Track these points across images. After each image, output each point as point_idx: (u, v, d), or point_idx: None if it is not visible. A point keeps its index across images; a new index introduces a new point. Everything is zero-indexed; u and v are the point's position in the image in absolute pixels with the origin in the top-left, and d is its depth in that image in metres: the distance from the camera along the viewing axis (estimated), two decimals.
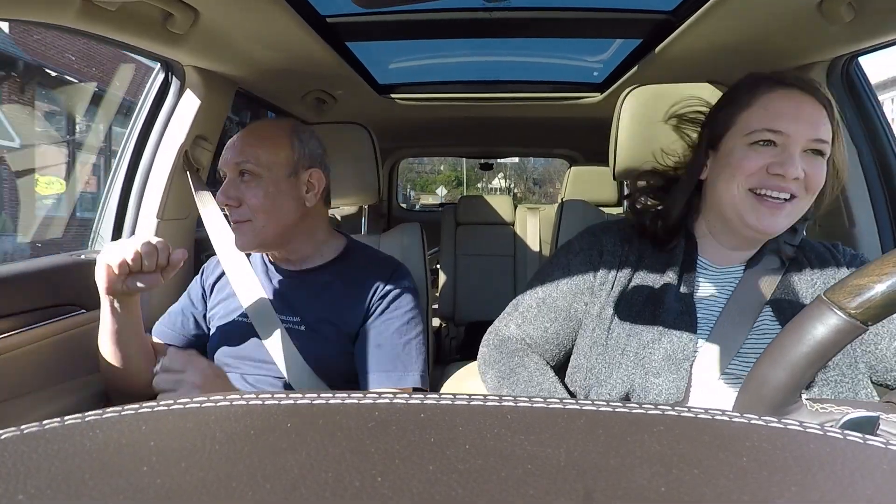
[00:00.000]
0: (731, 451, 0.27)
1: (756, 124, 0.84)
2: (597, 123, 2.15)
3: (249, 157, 1.06)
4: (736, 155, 0.86)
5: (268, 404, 0.30)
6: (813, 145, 0.82)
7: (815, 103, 0.84)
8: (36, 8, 0.84)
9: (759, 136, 0.84)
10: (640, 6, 1.38)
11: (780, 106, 0.84)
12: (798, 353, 0.48)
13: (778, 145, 0.83)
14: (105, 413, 0.28)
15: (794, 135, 0.81)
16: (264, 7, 1.10)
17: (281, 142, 1.10)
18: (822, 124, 0.83)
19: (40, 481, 0.22)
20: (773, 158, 0.82)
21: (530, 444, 0.27)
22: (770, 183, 0.82)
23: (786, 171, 0.80)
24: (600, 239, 0.98)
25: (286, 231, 1.10)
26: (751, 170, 0.83)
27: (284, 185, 1.08)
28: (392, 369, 1.07)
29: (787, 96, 0.85)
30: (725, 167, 0.87)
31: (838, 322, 0.47)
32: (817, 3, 1.02)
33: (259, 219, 1.06)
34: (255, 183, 1.06)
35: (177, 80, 1.38)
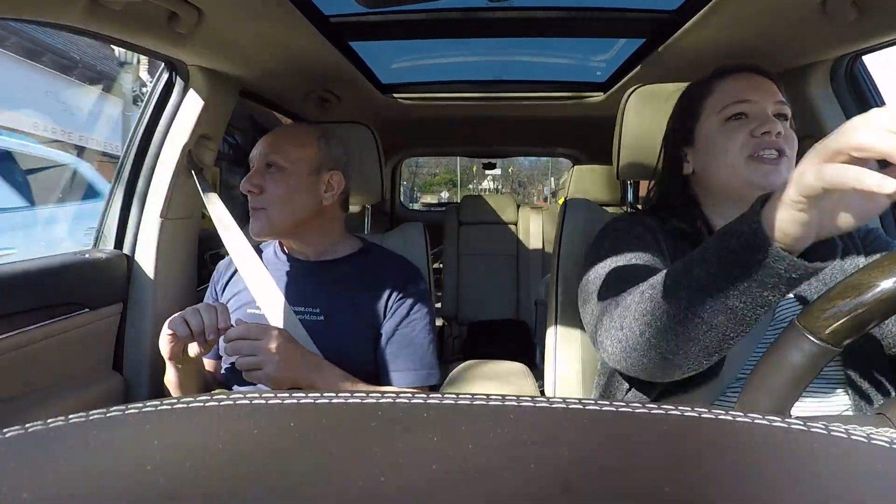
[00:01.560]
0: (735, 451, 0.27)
1: (724, 101, 0.91)
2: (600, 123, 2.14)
3: (278, 150, 1.14)
4: (718, 135, 0.91)
5: (271, 403, 0.30)
6: (778, 108, 0.89)
7: (765, 78, 0.92)
8: (41, 7, 0.84)
9: (730, 110, 0.90)
10: (643, 5, 1.38)
11: (737, 84, 0.92)
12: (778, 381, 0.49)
13: (750, 115, 0.89)
14: (109, 412, 0.29)
15: (761, 100, 0.89)
16: (268, 7, 1.10)
17: (309, 142, 1.18)
18: (775, 91, 0.91)
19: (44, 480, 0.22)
20: (753, 124, 0.88)
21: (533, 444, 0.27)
22: (762, 143, 0.86)
23: (770, 128, 0.85)
24: (641, 218, 0.98)
25: (299, 224, 1.16)
26: (740, 140, 0.88)
27: (305, 182, 1.15)
28: (419, 368, 1.15)
29: (738, 77, 0.93)
30: (714, 150, 0.92)
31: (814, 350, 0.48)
32: (821, 3, 1.02)
33: (275, 208, 1.12)
34: (279, 175, 1.13)
35: (181, 80, 1.38)
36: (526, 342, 2.76)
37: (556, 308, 1.21)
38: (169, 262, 1.43)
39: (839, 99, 1.31)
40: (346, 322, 1.13)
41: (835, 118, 1.30)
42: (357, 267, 1.20)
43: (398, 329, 1.15)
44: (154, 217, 1.38)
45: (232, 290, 1.23)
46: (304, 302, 1.15)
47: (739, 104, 0.90)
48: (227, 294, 1.23)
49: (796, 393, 0.49)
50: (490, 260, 3.04)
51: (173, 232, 1.43)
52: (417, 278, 1.22)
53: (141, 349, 1.36)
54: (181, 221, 1.46)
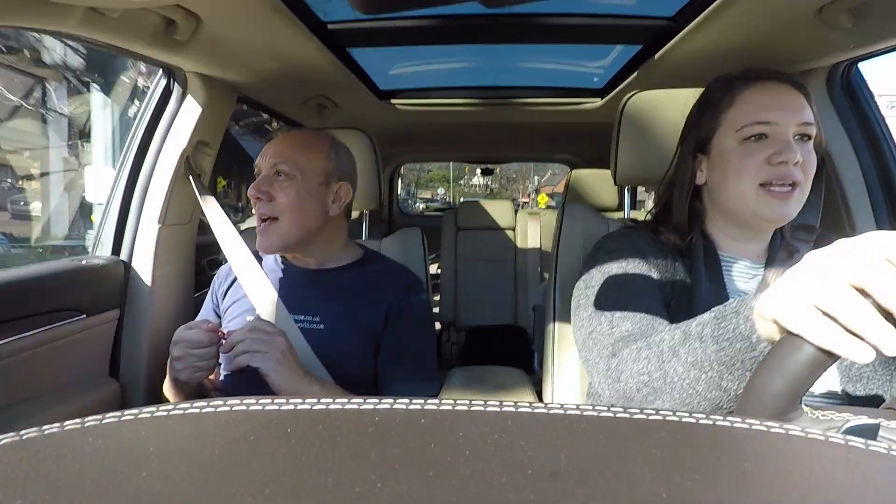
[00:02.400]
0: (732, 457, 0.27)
1: (744, 119, 0.86)
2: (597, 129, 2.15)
3: (288, 158, 1.11)
4: (733, 155, 0.87)
5: (268, 409, 0.30)
6: (802, 129, 0.84)
7: (792, 90, 0.87)
8: (38, 15, 0.85)
9: (749, 130, 0.85)
10: (640, 12, 1.39)
11: (762, 98, 0.86)
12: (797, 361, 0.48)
13: (770, 137, 0.84)
14: (105, 418, 0.28)
15: (783, 123, 0.84)
16: (266, 14, 1.10)
17: (320, 151, 1.15)
18: (804, 108, 0.85)
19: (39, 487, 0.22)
20: (771, 149, 0.83)
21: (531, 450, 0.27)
22: (777, 173, 0.83)
23: (788, 158, 0.81)
24: (631, 238, 0.97)
25: (308, 235, 1.14)
26: (755, 166, 0.84)
27: (315, 191, 1.13)
28: (420, 378, 1.13)
29: (766, 88, 0.87)
30: (727, 169, 0.88)
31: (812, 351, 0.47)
32: (817, 10, 1.03)
33: (286, 217, 1.10)
34: (289, 183, 1.11)
35: (179, 87, 1.39)
36: (524, 348, 2.76)
37: (554, 314, 1.21)
38: (166, 269, 1.43)
39: (835, 105, 1.31)
40: (345, 331, 1.12)
41: (831, 125, 1.30)
42: (357, 276, 1.19)
43: (398, 339, 1.13)
44: (152, 223, 1.38)
45: (232, 297, 1.22)
46: (304, 310, 1.14)
47: (760, 126, 0.85)
48: (228, 301, 1.22)
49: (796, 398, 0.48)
50: (488, 265, 3.04)
51: (171, 238, 1.43)
52: (418, 288, 1.20)
53: (137, 356, 1.36)
54: (179, 228, 1.46)
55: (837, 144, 1.30)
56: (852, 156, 1.29)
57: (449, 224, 3.12)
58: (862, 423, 0.46)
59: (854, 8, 1.00)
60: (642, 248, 0.93)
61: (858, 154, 1.29)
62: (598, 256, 0.96)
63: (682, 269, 0.92)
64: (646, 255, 0.92)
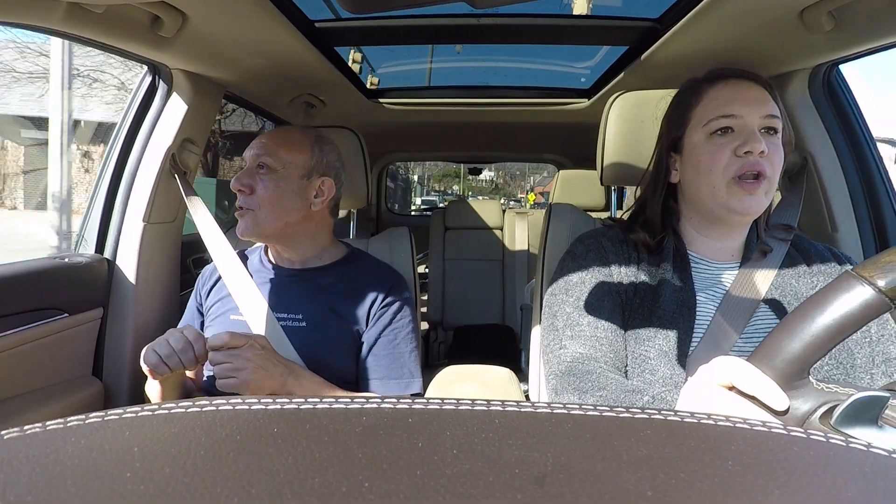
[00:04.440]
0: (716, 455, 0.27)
1: (710, 114, 0.90)
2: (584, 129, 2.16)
3: (270, 152, 1.14)
4: (703, 150, 0.90)
5: (254, 409, 0.30)
6: (766, 122, 0.88)
7: (756, 85, 0.90)
8: (20, 11, 0.83)
9: (715, 124, 0.89)
10: (626, 14, 1.40)
11: (727, 93, 0.90)
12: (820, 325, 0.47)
13: (736, 130, 0.88)
14: (88, 418, 0.28)
15: (747, 115, 0.87)
16: (253, 11, 1.09)
17: (302, 146, 1.17)
18: (768, 101, 0.89)
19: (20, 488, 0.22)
20: (737, 141, 0.87)
21: (518, 449, 0.27)
22: (744, 164, 0.86)
23: (753, 147, 0.84)
24: (599, 241, 0.99)
25: (286, 227, 1.15)
26: (723, 160, 0.87)
27: (296, 185, 1.15)
28: (400, 377, 1.14)
29: (730, 84, 0.91)
30: (698, 165, 0.91)
31: (867, 296, 0.46)
32: (798, 13, 1.04)
33: (263, 209, 1.12)
34: (269, 176, 1.13)
35: (164, 84, 1.37)
36: (511, 347, 2.77)
37: (541, 313, 1.22)
38: (151, 267, 1.41)
39: (817, 107, 1.33)
40: (328, 329, 1.12)
41: (812, 126, 1.32)
42: (341, 274, 1.19)
43: (380, 337, 1.14)
44: (136, 221, 1.37)
45: (216, 296, 1.22)
46: (287, 309, 1.14)
47: (725, 119, 0.88)
48: (211, 300, 1.22)
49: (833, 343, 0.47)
50: (476, 265, 3.05)
51: (156, 236, 1.42)
52: (401, 286, 1.21)
53: (121, 355, 1.34)
54: (164, 226, 1.45)
55: (819, 146, 1.31)
56: (834, 157, 1.31)
57: (437, 223, 3.12)
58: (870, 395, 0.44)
59: (835, 11, 1.02)
60: (609, 251, 0.97)
61: (840, 155, 1.31)
62: (566, 262, 1.01)
63: (649, 269, 0.94)
64: (609, 260, 0.96)
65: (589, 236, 1.02)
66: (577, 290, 0.95)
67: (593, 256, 0.97)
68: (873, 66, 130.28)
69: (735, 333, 0.86)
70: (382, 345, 1.14)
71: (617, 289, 0.93)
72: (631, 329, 0.89)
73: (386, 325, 1.15)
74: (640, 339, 0.88)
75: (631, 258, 0.96)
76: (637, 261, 0.95)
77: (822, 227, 1.32)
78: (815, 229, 1.34)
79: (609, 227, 1.04)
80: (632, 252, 0.97)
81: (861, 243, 1.29)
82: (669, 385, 0.83)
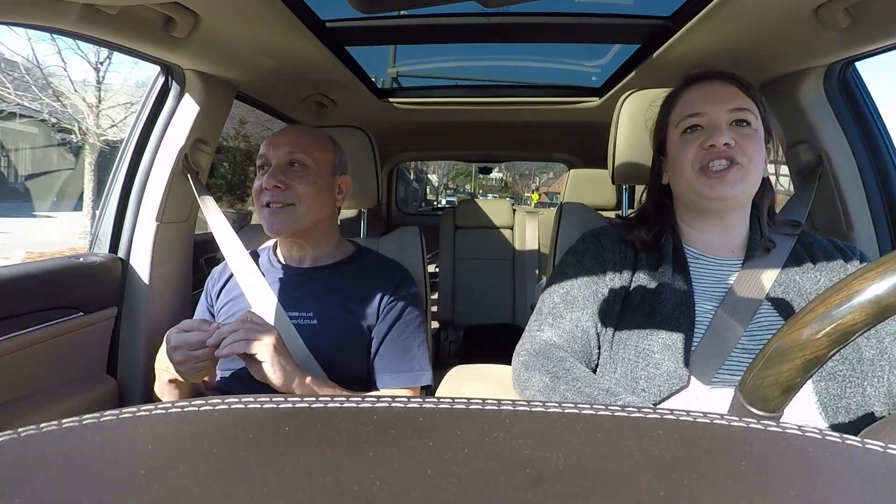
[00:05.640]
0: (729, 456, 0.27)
1: (681, 116, 0.97)
2: (595, 128, 2.15)
3: (304, 149, 1.16)
4: (676, 148, 0.97)
5: (266, 408, 0.30)
6: (734, 115, 0.93)
7: (724, 83, 0.96)
8: (37, 12, 0.84)
9: (685, 124, 0.96)
10: (638, 12, 1.39)
11: (695, 95, 0.98)
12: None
13: (704, 127, 0.94)
14: (103, 416, 0.28)
15: (712, 112, 0.93)
16: (264, 12, 1.10)
17: (327, 145, 1.22)
18: (735, 96, 0.94)
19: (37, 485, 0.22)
20: (703, 136, 0.93)
21: (529, 449, 0.27)
22: (709, 156, 0.91)
23: (715, 140, 0.90)
24: (599, 239, 1.03)
25: (318, 223, 1.19)
26: (690, 154, 0.94)
27: (327, 182, 1.19)
28: (409, 369, 1.16)
29: (699, 86, 0.98)
30: (673, 164, 0.99)
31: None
32: (813, 10, 1.03)
33: (304, 204, 1.14)
34: (305, 173, 1.15)
35: (177, 84, 1.38)
36: None
37: None
38: (164, 267, 1.43)
39: (832, 104, 1.31)
40: (339, 326, 1.14)
41: (828, 123, 1.31)
42: (349, 272, 1.21)
43: (390, 331, 1.16)
44: (149, 221, 1.38)
45: (226, 297, 1.23)
46: (298, 307, 1.15)
47: (692, 118, 0.95)
48: (222, 300, 1.23)
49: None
50: (486, 264, 3.04)
51: (168, 236, 1.43)
52: (409, 281, 1.23)
53: (135, 353, 1.36)
54: (176, 225, 1.46)
55: (834, 144, 1.30)
56: (850, 155, 1.29)
57: (447, 223, 3.12)
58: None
59: (851, 7, 1.00)
60: (607, 250, 1.01)
61: (855, 153, 1.30)
62: (566, 256, 1.07)
63: (649, 267, 0.97)
64: (605, 260, 1.00)
65: (591, 234, 1.07)
66: (569, 284, 1.00)
67: (591, 255, 1.02)
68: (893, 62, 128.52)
69: (740, 329, 0.86)
70: (392, 339, 1.16)
71: (610, 289, 0.97)
72: (634, 324, 0.91)
73: (395, 320, 1.17)
74: (643, 335, 0.89)
75: (629, 257, 1.00)
76: (635, 259, 0.99)
77: (837, 225, 1.31)
78: (831, 228, 1.32)
79: (614, 226, 1.08)
80: (629, 251, 1.00)
81: (877, 242, 1.28)
82: (673, 379, 0.83)
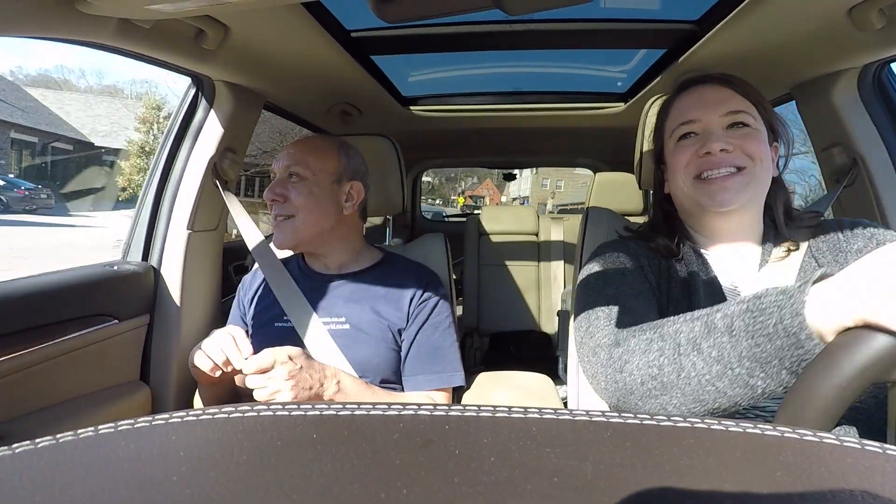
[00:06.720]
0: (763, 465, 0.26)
1: (674, 124, 0.95)
2: (620, 133, 2.13)
3: (300, 161, 1.18)
4: (671, 156, 0.95)
5: (294, 415, 0.31)
6: (730, 118, 0.89)
7: (717, 87, 0.93)
8: (75, 28, 0.87)
9: (679, 132, 0.93)
10: (664, 16, 1.38)
11: (687, 101, 0.95)
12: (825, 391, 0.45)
13: (699, 133, 0.91)
14: (136, 423, 0.29)
15: (705, 117, 0.90)
16: (292, 23, 1.12)
17: (330, 153, 1.22)
18: (728, 99, 0.90)
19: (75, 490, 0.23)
20: (697, 144, 0.90)
21: (556, 457, 0.26)
22: (705, 164, 0.88)
23: (710, 147, 0.87)
24: (626, 244, 1.00)
25: (322, 233, 1.19)
26: (684, 161, 0.91)
27: (328, 190, 1.19)
28: (442, 370, 1.18)
29: (691, 92, 0.96)
30: (669, 172, 0.97)
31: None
32: (847, 10, 1.00)
33: (300, 215, 1.16)
34: (301, 184, 1.17)
35: (207, 95, 1.41)
36: (548, 353, 2.75)
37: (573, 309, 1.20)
38: (195, 274, 1.45)
39: (867, 107, 1.28)
40: (371, 330, 1.15)
41: (862, 126, 1.27)
42: (378, 277, 1.23)
43: (421, 333, 1.17)
44: (181, 229, 1.41)
45: (259, 305, 1.25)
46: (330, 313, 1.17)
47: (685, 125, 0.92)
48: (255, 308, 1.25)
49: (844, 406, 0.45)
50: (511, 271, 3.03)
51: (199, 244, 1.45)
52: (437, 283, 1.25)
53: (167, 360, 1.38)
54: (207, 234, 1.49)
55: (870, 146, 1.27)
56: (886, 158, 1.26)
57: (472, 229, 3.12)
58: None
59: (886, 8, 0.98)
60: (636, 252, 0.97)
61: (892, 156, 1.26)
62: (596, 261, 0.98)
63: (678, 274, 0.93)
64: (640, 260, 0.96)
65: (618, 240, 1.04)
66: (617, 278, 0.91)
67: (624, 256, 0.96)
68: None
69: None
70: (422, 340, 1.17)
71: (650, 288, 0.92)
72: None
73: (424, 321, 1.18)
74: None
75: (658, 265, 0.96)
76: (666, 267, 0.95)
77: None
78: None
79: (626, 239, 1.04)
80: (656, 259, 0.97)
81: None
82: None
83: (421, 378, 1.16)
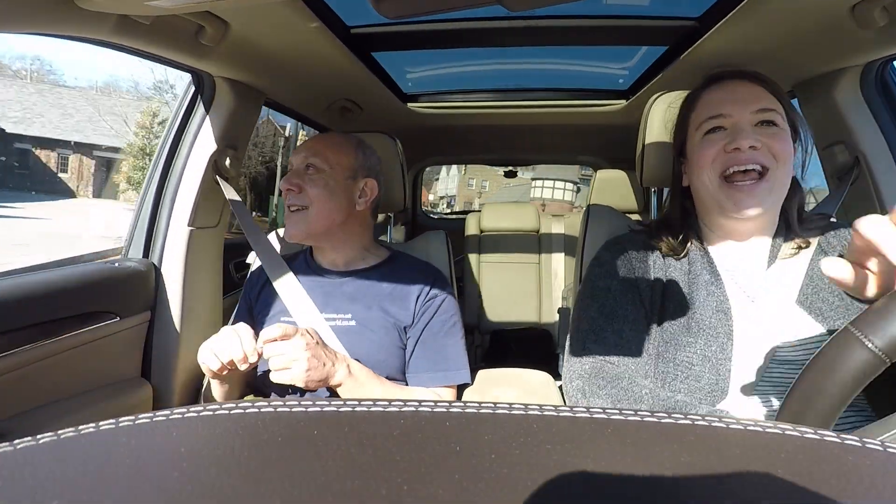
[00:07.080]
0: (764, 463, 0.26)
1: (702, 117, 0.93)
2: (622, 130, 2.13)
3: (318, 153, 1.21)
4: (697, 150, 0.93)
5: (295, 411, 0.31)
6: (760, 116, 0.88)
7: (748, 83, 0.92)
8: (74, 24, 0.87)
9: (707, 125, 0.91)
10: (666, 13, 1.37)
11: (717, 95, 0.93)
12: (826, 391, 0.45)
13: (727, 128, 0.90)
14: (138, 419, 0.29)
15: (737, 113, 0.88)
16: (292, 19, 1.12)
17: (347, 149, 1.25)
18: (760, 97, 0.89)
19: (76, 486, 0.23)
20: (726, 139, 0.88)
21: (557, 454, 0.26)
22: (732, 160, 0.87)
23: (739, 144, 0.85)
24: (624, 247, 1.00)
25: (333, 226, 1.21)
26: (711, 156, 0.89)
27: (342, 185, 1.22)
28: (447, 368, 1.19)
29: (721, 86, 0.94)
30: (694, 165, 0.94)
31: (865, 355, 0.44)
32: (849, 8, 1.00)
33: (314, 207, 1.18)
34: (318, 176, 1.20)
35: (207, 91, 1.41)
36: (549, 350, 2.74)
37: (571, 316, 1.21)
38: (196, 271, 1.45)
39: (869, 105, 1.28)
40: (377, 327, 1.16)
41: (865, 124, 1.27)
42: (385, 274, 1.24)
43: (426, 330, 1.18)
44: (181, 226, 1.41)
45: (265, 299, 1.26)
46: (337, 309, 1.18)
47: (714, 119, 0.91)
48: (261, 304, 1.26)
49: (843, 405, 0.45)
50: (511, 268, 3.03)
51: (200, 240, 1.45)
52: (442, 281, 1.26)
53: (168, 357, 1.38)
54: (208, 230, 1.49)
55: (872, 145, 1.26)
56: (888, 156, 1.26)
57: (472, 226, 3.12)
58: None
59: (889, 5, 0.97)
60: (634, 259, 0.97)
61: (895, 154, 1.26)
62: (592, 269, 1.02)
63: (679, 273, 0.93)
64: (635, 268, 0.96)
65: (615, 243, 1.03)
66: (602, 296, 0.96)
67: (619, 264, 0.98)
68: None
69: (777, 337, 0.83)
70: (428, 338, 1.18)
71: (644, 296, 0.93)
72: (669, 335, 0.88)
73: (430, 319, 1.19)
74: (681, 345, 0.86)
75: (657, 264, 0.96)
76: (664, 266, 0.95)
77: None
78: None
79: (635, 232, 1.05)
80: (658, 258, 0.96)
81: None
82: (716, 392, 0.81)
83: (427, 376, 1.17)
